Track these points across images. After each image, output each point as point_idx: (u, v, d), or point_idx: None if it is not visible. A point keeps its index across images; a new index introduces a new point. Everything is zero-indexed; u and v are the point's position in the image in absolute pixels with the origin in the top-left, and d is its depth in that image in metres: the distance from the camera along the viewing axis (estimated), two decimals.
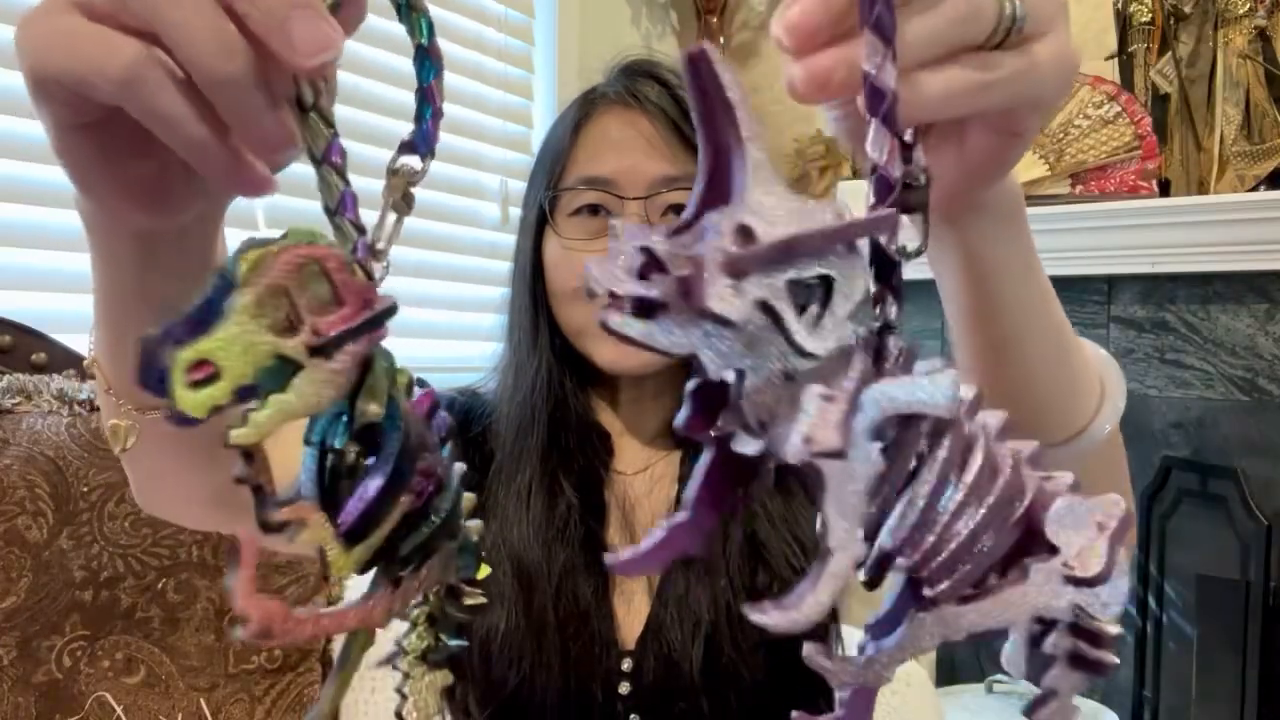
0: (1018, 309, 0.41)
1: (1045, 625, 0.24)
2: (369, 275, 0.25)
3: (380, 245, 0.26)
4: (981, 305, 0.41)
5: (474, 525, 0.28)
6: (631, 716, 0.69)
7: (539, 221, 0.76)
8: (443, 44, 0.27)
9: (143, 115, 0.26)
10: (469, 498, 0.27)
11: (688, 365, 0.21)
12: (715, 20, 2.21)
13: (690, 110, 0.22)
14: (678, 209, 0.73)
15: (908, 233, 0.26)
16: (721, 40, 2.22)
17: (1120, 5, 1.80)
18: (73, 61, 0.26)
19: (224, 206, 0.38)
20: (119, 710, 0.97)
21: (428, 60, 0.27)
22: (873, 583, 0.24)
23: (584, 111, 0.76)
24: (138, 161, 0.30)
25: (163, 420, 0.22)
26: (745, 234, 0.20)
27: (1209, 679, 1.70)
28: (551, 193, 0.75)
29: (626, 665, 0.70)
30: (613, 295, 0.20)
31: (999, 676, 1.87)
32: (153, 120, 0.26)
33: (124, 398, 0.43)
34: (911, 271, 0.26)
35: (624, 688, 0.69)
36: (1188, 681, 1.74)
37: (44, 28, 0.27)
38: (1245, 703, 1.62)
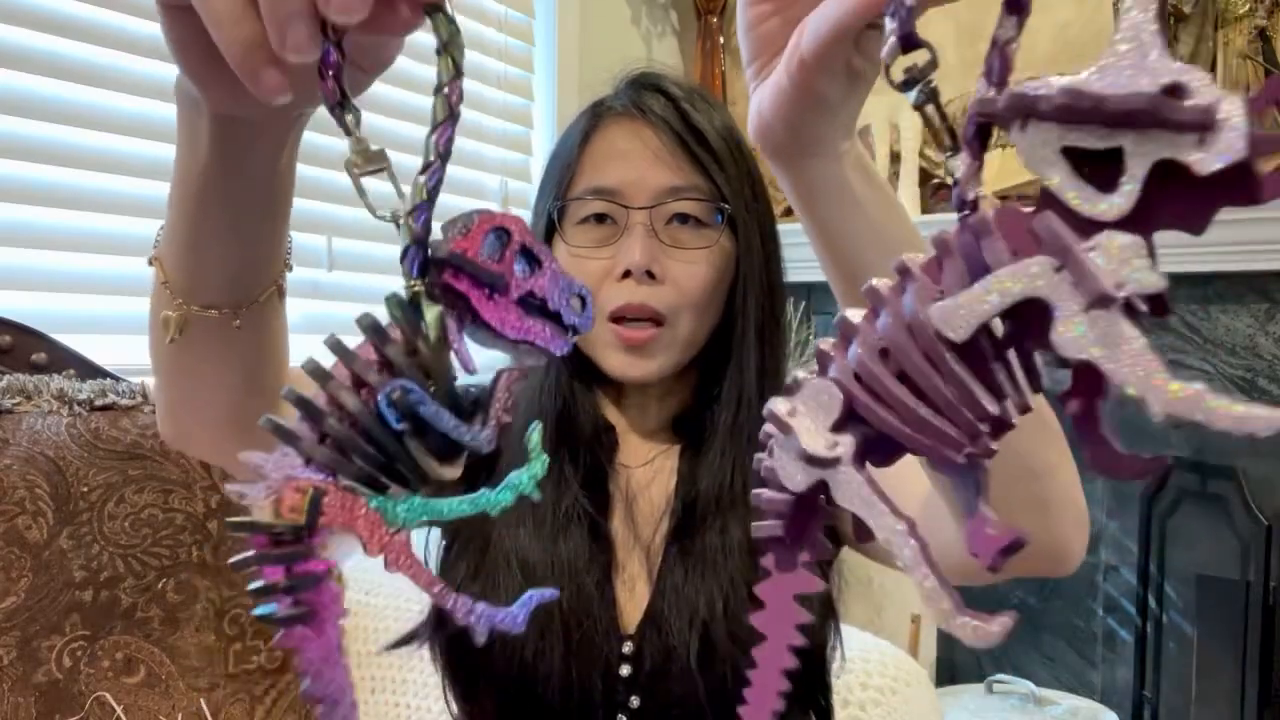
0: (853, 230, 0.51)
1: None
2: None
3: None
4: (822, 227, 0.52)
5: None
6: (631, 699, 0.72)
7: (547, 230, 0.78)
8: None
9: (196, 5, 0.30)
10: None
11: (689, 369, 0.23)
12: (715, 20, 2.21)
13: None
14: (682, 218, 0.75)
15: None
16: (721, 40, 2.22)
17: (1120, 5, 1.80)
18: None
19: (295, 128, 0.42)
20: (119, 710, 0.97)
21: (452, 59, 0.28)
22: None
23: (592, 123, 0.78)
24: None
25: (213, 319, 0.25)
26: None
27: (1209, 679, 1.70)
28: (560, 202, 0.77)
29: (627, 649, 0.72)
30: None
31: (999, 676, 1.87)
32: (200, 9, 0.30)
33: (179, 294, 0.46)
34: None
35: (624, 670, 0.72)
36: (1188, 681, 1.74)
37: None
38: (1245, 703, 1.62)
